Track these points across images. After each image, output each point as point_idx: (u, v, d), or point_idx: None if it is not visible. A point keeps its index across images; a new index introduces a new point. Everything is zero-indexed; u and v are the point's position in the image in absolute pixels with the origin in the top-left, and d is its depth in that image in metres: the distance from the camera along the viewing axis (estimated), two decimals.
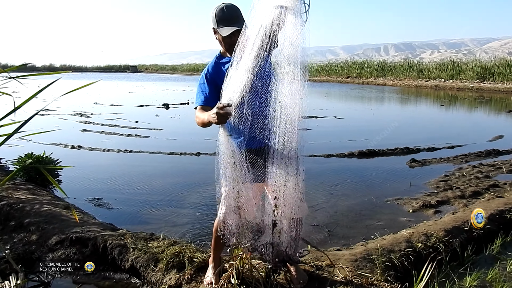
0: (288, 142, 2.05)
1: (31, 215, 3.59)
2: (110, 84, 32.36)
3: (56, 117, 11.70)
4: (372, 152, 7.23)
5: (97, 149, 7.45)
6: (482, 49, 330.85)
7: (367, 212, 4.43)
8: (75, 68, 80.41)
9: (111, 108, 14.40)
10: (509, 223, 3.75)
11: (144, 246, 2.97)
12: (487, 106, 17.50)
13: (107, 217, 4.14)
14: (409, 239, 3.22)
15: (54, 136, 7.89)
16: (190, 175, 5.91)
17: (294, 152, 2.08)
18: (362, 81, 35.24)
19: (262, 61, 2.04)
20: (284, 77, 2.02)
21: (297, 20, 1.99)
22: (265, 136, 2.12)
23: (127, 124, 10.47)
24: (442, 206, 4.56)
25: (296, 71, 2.01)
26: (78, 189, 5.06)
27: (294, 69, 2.00)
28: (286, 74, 2.02)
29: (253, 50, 2.01)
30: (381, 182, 5.59)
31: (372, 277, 2.59)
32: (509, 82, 25.51)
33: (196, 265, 2.67)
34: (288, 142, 2.05)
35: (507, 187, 5.13)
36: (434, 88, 28.02)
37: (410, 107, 17.35)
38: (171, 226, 3.98)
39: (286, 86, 2.02)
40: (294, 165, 2.10)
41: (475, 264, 3.12)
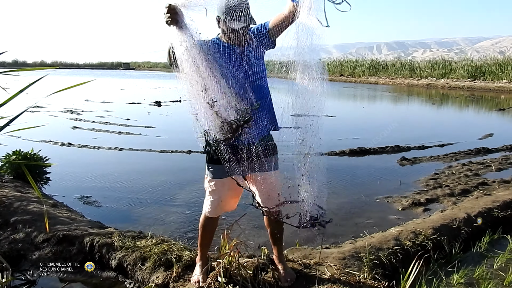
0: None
1: (18, 213, 3.55)
2: (102, 81, 32.17)
3: (46, 114, 11.60)
4: (363, 151, 7.25)
5: (87, 147, 7.39)
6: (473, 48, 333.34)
7: (357, 210, 4.44)
8: (67, 65, 79.88)
9: (103, 105, 14.30)
10: (497, 220, 3.78)
11: (132, 245, 2.95)
12: (477, 104, 17.64)
13: (95, 215, 4.10)
14: (398, 237, 3.22)
15: (44, 133, 7.83)
16: (181, 173, 5.88)
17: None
18: (354, 79, 35.35)
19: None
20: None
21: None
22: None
23: (118, 122, 10.41)
24: (431, 204, 4.58)
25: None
26: (67, 187, 5.02)
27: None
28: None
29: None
30: (371, 180, 5.60)
31: (360, 275, 2.59)
32: (500, 81, 25.75)
33: (184, 264, 2.65)
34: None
35: (495, 185, 5.17)
36: (426, 87, 28.18)
37: (401, 106, 17.44)
38: (160, 224, 3.96)
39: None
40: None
41: (463, 262, 3.13)
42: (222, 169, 2.20)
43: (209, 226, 2.53)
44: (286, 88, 2.17)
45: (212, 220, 2.51)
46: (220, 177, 2.34)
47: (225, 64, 2.12)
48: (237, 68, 2.17)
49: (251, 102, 2.08)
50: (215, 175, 2.38)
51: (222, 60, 2.14)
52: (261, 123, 2.21)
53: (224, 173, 2.23)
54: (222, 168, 2.19)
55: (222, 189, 2.39)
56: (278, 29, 2.19)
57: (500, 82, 25.42)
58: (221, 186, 2.38)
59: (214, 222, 2.54)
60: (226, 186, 2.37)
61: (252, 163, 2.17)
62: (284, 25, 2.16)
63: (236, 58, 2.20)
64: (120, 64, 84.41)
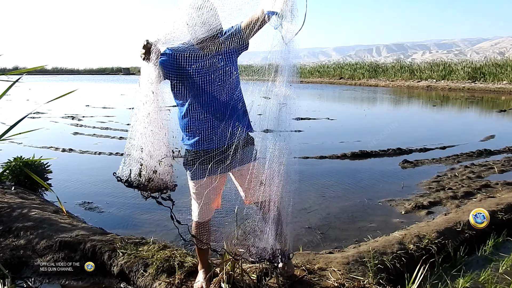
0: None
1: (19, 220, 3.53)
2: (102, 86, 32.21)
3: (47, 120, 11.59)
4: (365, 153, 7.22)
5: (88, 152, 7.38)
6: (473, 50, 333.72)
7: (360, 214, 4.42)
8: (67, 71, 79.93)
9: (103, 110, 14.31)
10: (501, 223, 3.75)
11: (134, 251, 2.93)
12: (478, 106, 17.62)
13: (97, 221, 4.09)
14: (402, 241, 3.20)
15: (44, 139, 7.83)
16: (183, 177, 5.84)
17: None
18: (354, 82, 35.36)
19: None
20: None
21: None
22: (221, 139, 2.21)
23: (119, 127, 10.39)
24: (434, 207, 4.56)
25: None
26: (68, 193, 5.00)
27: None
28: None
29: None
30: (373, 183, 5.58)
31: (364, 280, 2.57)
32: (500, 82, 25.73)
33: (187, 270, 2.63)
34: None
35: (499, 187, 5.14)
36: (426, 89, 28.18)
37: (402, 108, 17.43)
38: (162, 230, 3.93)
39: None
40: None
41: (468, 266, 3.11)
42: (200, 170, 2.29)
43: (202, 231, 2.50)
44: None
45: (204, 224, 2.49)
46: (199, 177, 2.34)
47: (197, 74, 2.16)
48: (209, 78, 2.18)
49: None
50: (193, 176, 2.38)
51: (194, 68, 2.16)
52: (234, 131, 2.23)
53: (202, 173, 2.29)
54: (199, 168, 2.28)
55: (203, 190, 2.36)
56: (250, 30, 2.18)
57: (501, 83, 25.40)
58: (201, 187, 2.36)
59: (206, 226, 2.51)
60: (206, 186, 2.35)
61: (231, 162, 2.26)
62: (257, 26, 2.16)
63: (209, 67, 2.18)
64: (120, 69, 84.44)
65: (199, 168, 2.29)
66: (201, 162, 2.24)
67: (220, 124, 2.19)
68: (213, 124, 2.21)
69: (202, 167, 2.27)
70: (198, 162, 2.26)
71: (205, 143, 2.25)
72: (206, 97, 2.19)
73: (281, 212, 2.37)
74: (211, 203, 2.44)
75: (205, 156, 2.26)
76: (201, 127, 2.22)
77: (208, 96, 2.18)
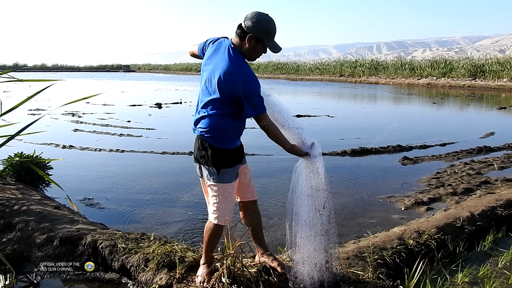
0: None
1: (21, 215, 3.55)
2: (102, 83, 32.20)
3: (47, 117, 11.58)
4: (365, 150, 7.24)
5: (89, 149, 7.39)
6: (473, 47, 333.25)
7: (360, 210, 4.43)
8: (67, 68, 79.77)
9: (103, 107, 14.30)
10: (501, 219, 3.77)
11: (135, 246, 2.94)
12: (478, 103, 17.61)
13: (98, 216, 4.10)
14: (401, 236, 3.21)
15: (45, 136, 7.82)
16: (183, 174, 5.86)
17: None
18: (354, 79, 35.31)
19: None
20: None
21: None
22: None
23: (119, 124, 10.41)
24: (434, 203, 4.57)
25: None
26: (69, 189, 4.97)
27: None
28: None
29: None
30: (373, 180, 5.59)
31: (364, 274, 2.58)
32: (500, 79, 25.72)
33: (187, 265, 2.64)
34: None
35: (498, 183, 5.16)
36: (426, 86, 28.15)
37: (402, 105, 17.41)
38: (163, 226, 3.95)
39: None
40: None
41: (467, 261, 3.12)
42: (232, 172, 2.42)
43: (219, 234, 2.51)
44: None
45: (222, 228, 2.50)
46: (230, 180, 2.42)
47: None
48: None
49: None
50: (225, 179, 2.41)
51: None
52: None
53: (234, 175, 2.44)
54: (232, 170, 2.41)
55: (232, 192, 2.46)
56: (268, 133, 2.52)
57: (501, 81, 25.39)
58: (231, 189, 2.45)
59: (222, 229, 2.52)
60: (233, 188, 2.47)
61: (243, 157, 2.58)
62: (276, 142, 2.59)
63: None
64: (120, 67, 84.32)
65: (231, 171, 2.42)
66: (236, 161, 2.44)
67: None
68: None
69: (232, 169, 2.42)
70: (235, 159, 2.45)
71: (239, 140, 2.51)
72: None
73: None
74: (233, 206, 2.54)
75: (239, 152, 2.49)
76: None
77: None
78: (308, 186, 2.46)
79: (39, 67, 73.41)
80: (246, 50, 2.32)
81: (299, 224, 2.42)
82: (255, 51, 2.33)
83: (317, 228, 2.41)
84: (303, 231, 2.40)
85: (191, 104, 16.04)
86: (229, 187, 2.41)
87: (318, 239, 2.41)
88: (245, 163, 2.60)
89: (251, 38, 2.27)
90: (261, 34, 2.27)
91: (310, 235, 2.41)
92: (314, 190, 2.45)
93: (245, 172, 2.61)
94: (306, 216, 2.40)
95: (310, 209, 2.41)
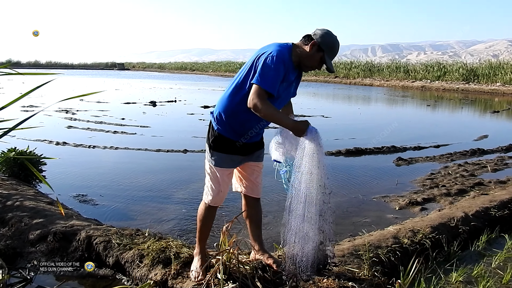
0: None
1: (14, 210, 3.51)
2: (96, 81, 32.04)
3: (41, 114, 11.49)
4: (359, 151, 7.26)
5: (83, 146, 7.35)
6: (467, 51, 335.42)
7: (354, 209, 4.44)
8: (61, 65, 79.34)
9: (97, 105, 14.23)
10: (494, 220, 3.79)
11: (130, 242, 2.92)
12: (472, 106, 17.74)
13: (92, 213, 4.07)
14: (396, 235, 3.22)
15: (38, 133, 7.78)
16: (177, 172, 5.85)
17: None
18: (349, 81, 35.43)
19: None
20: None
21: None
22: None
23: (113, 121, 10.36)
24: (428, 204, 4.59)
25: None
26: (62, 185, 4.97)
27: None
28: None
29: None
30: (368, 180, 5.61)
31: (360, 272, 2.58)
32: (494, 83, 25.91)
33: (183, 261, 2.63)
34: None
35: (492, 185, 5.19)
36: (420, 89, 28.31)
37: (396, 107, 17.49)
38: (157, 222, 3.93)
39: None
40: None
41: (461, 260, 3.13)
42: (226, 158, 2.48)
43: (210, 216, 2.61)
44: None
45: (214, 209, 2.61)
46: (221, 166, 2.50)
47: (285, 80, 2.42)
48: (286, 86, 2.51)
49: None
50: (217, 163, 2.50)
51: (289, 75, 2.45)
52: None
53: (226, 162, 2.50)
54: (225, 157, 2.48)
55: (222, 177, 2.51)
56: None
57: (494, 85, 25.58)
58: (221, 175, 2.51)
59: (214, 212, 2.63)
60: (226, 175, 2.53)
61: (253, 154, 2.60)
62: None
63: (291, 80, 2.54)
64: (115, 65, 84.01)
65: (224, 156, 2.49)
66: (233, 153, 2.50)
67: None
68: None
69: (226, 156, 2.49)
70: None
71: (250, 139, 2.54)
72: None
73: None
74: (225, 193, 2.61)
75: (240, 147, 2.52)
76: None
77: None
78: (311, 163, 2.47)
79: (32, 64, 72.95)
80: (305, 54, 2.41)
81: (295, 203, 2.36)
82: (313, 58, 2.41)
83: (312, 209, 2.33)
84: (298, 209, 2.33)
85: (186, 102, 16.00)
86: (218, 171, 2.49)
87: (314, 219, 2.34)
88: (258, 161, 2.66)
89: (315, 45, 2.38)
90: (325, 45, 2.37)
91: (305, 214, 2.33)
92: (315, 167, 2.45)
93: (252, 169, 2.64)
94: (304, 195, 2.33)
95: (309, 185, 2.34)
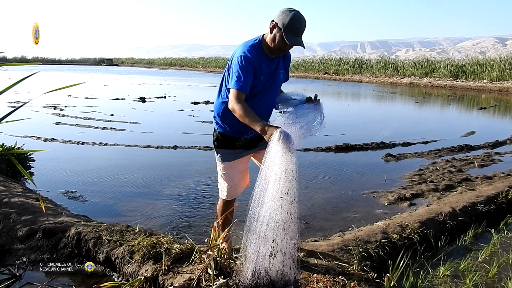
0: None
1: (2, 207, 3.48)
2: (84, 76, 31.72)
3: (28, 110, 11.37)
4: (349, 147, 7.30)
5: (71, 142, 7.28)
6: (455, 48, 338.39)
7: (344, 205, 4.48)
8: (48, 61, 78.39)
9: (86, 101, 14.10)
10: (481, 215, 3.85)
11: (120, 238, 2.91)
12: (459, 103, 17.93)
13: (81, 209, 4.05)
14: (385, 230, 3.26)
15: (26, 128, 7.70)
16: (167, 168, 5.83)
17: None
18: (339, 77, 35.57)
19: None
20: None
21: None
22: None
23: (102, 117, 10.28)
24: (416, 199, 4.65)
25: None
26: (51, 182, 4.94)
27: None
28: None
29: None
30: (357, 175, 5.65)
31: (349, 267, 2.61)
32: (481, 80, 26.21)
33: (173, 256, 2.63)
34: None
35: (479, 180, 5.26)
36: (409, 85, 28.52)
37: (385, 104, 17.61)
38: (148, 219, 3.93)
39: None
40: None
41: (449, 255, 3.18)
42: (230, 153, 2.64)
43: (229, 208, 2.79)
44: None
45: (231, 202, 2.81)
46: (228, 160, 2.67)
47: (261, 74, 2.46)
48: (269, 77, 2.56)
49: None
50: (223, 159, 2.68)
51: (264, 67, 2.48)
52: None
53: (231, 156, 2.65)
54: (230, 152, 2.64)
55: (232, 171, 2.69)
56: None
57: (481, 82, 25.88)
58: (230, 169, 2.69)
59: (232, 204, 2.82)
60: (235, 168, 2.69)
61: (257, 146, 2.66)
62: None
63: (272, 70, 2.57)
64: (103, 60, 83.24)
65: (227, 152, 2.65)
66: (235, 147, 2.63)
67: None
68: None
69: (229, 151, 2.64)
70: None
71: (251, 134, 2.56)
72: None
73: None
74: (239, 185, 2.80)
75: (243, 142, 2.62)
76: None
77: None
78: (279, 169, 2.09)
79: (19, 60, 71.90)
80: (269, 38, 2.41)
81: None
82: (275, 39, 2.37)
83: (273, 217, 2.07)
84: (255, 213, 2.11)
85: (175, 98, 15.93)
86: (226, 166, 2.67)
87: (272, 226, 2.08)
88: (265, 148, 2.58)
89: (274, 26, 2.37)
90: (281, 22, 2.32)
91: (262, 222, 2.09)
92: (283, 172, 2.07)
93: (262, 156, 2.50)
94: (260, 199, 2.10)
95: (272, 192, 2.07)
